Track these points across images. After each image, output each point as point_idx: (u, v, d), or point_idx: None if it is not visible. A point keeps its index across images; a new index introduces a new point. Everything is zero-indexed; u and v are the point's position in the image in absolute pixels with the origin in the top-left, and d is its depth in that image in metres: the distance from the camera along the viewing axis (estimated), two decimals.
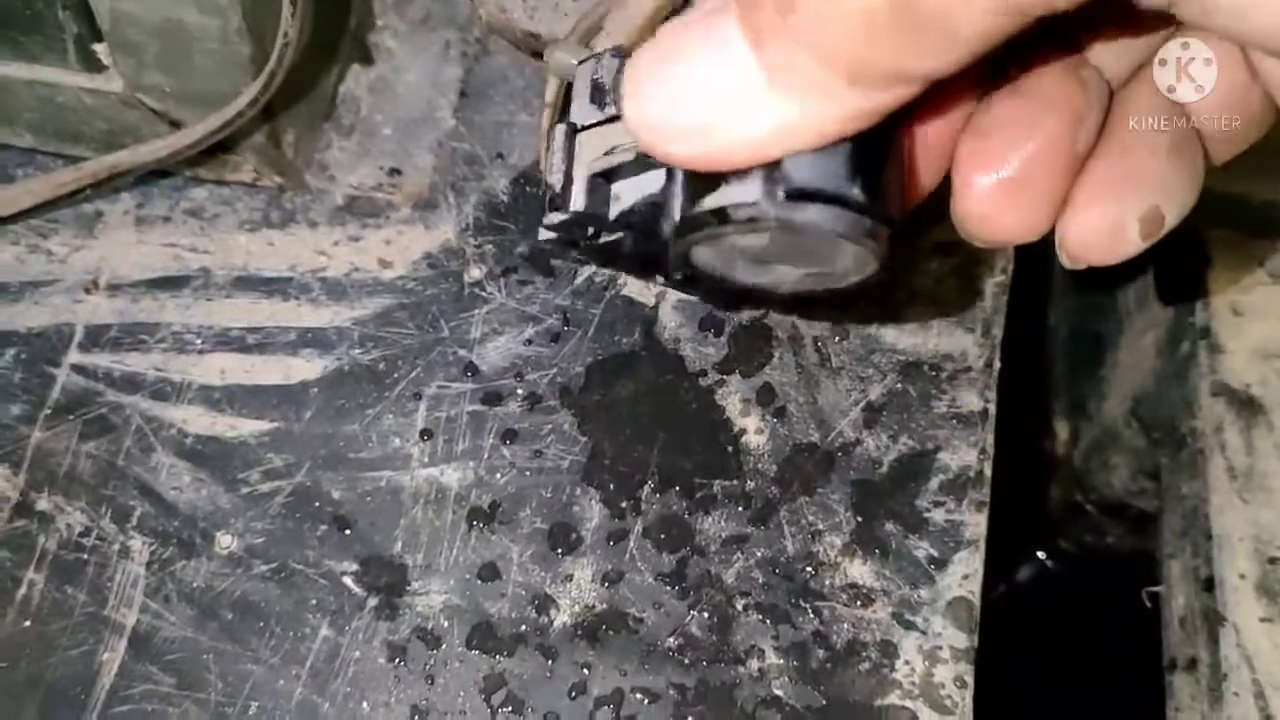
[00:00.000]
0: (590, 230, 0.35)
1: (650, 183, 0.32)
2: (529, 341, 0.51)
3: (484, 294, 0.52)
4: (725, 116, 0.25)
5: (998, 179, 0.29)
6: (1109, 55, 0.31)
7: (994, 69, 0.29)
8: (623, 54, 0.36)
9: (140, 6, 0.43)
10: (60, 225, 0.53)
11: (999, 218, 0.29)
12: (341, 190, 0.54)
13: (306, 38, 0.45)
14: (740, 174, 0.26)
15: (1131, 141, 0.30)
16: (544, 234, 0.36)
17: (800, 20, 0.23)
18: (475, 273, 0.52)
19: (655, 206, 0.31)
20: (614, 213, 0.33)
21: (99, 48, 0.47)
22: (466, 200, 0.54)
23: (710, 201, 0.27)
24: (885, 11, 0.22)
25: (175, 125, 0.49)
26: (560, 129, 0.35)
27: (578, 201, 0.34)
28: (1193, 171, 0.30)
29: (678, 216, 0.29)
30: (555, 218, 0.35)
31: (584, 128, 0.35)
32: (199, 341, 0.51)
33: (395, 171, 0.54)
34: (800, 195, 0.26)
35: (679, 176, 0.29)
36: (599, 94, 0.36)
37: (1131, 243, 0.29)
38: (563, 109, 0.51)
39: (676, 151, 0.26)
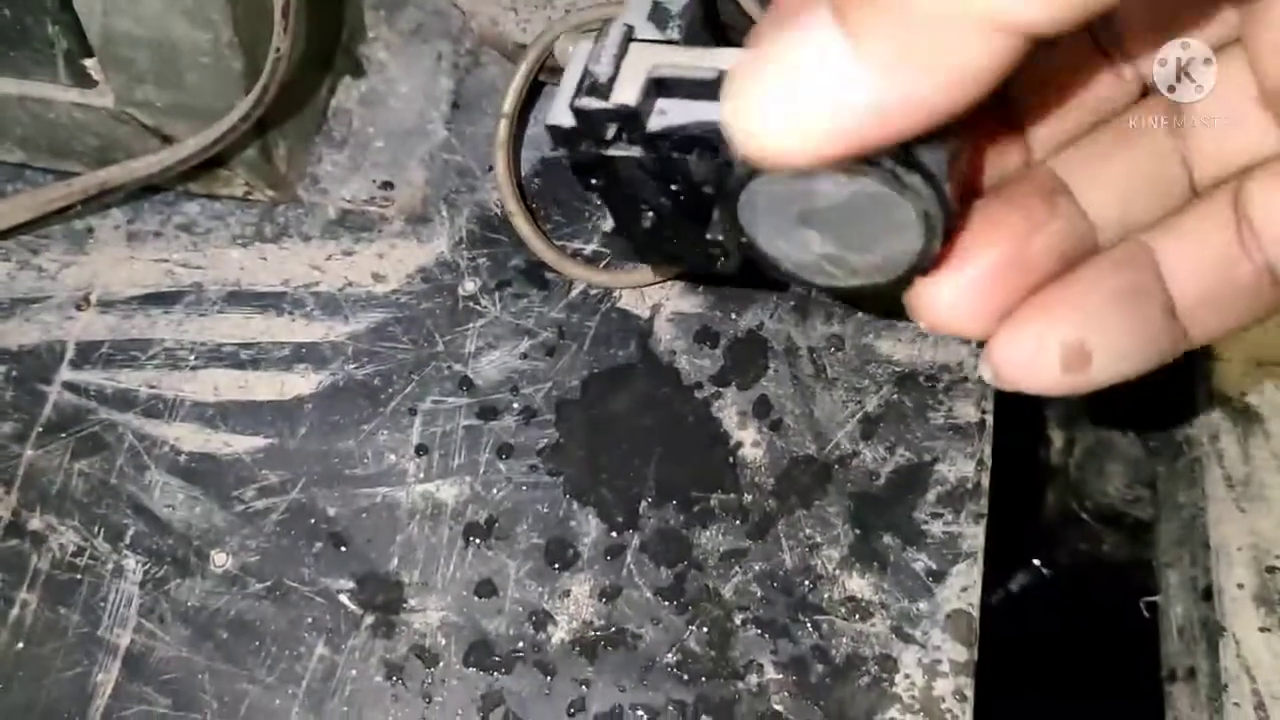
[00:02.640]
0: (611, 132, 0.33)
1: (713, 110, 0.30)
2: (524, 355, 0.51)
3: (478, 308, 0.52)
4: (822, 106, 0.24)
5: (954, 283, 0.29)
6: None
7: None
8: None
9: (131, 22, 0.43)
10: (51, 241, 0.53)
11: (946, 309, 0.29)
12: (334, 204, 0.54)
13: (298, 51, 0.45)
14: None
15: (1080, 275, 0.29)
16: (560, 117, 0.33)
17: None
18: (469, 286, 0.52)
19: (712, 133, 0.30)
20: (654, 126, 0.31)
21: (90, 63, 0.46)
22: (459, 213, 0.53)
23: None
24: None
25: (167, 140, 0.49)
26: (617, 25, 0.33)
27: (627, 95, 0.31)
28: (1140, 320, 0.29)
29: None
30: (591, 103, 0.32)
31: (639, 39, 0.33)
32: (192, 358, 0.50)
33: (388, 185, 0.54)
34: (911, 163, 0.26)
35: None
36: (661, 15, 0.35)
37: (1049, 371, 0.29)
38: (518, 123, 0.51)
39: (783, 147, 0.25)
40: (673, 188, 0.33)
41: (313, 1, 0.46)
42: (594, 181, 0.35)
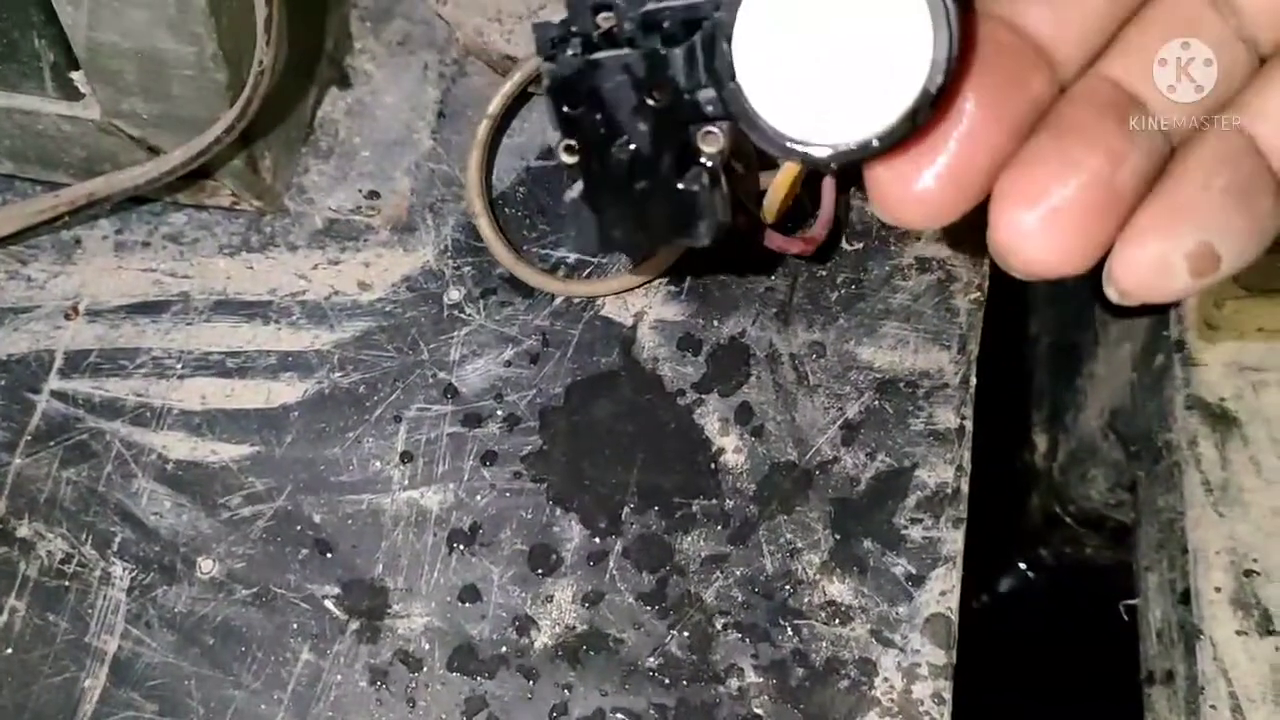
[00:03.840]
0: (596, 24, 0.33)
1: None
2: (508, 363, 0.51)
3: (463, 316, 0.52)
4: None
5: (1037, 216, 0.29)
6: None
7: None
8: None
9: (117, 35, 0.43)
10: (39, 251, 0.53)
11: (1038, 253, 0.29)
12: (320, 213, 0.54)
13: (282, 63, 0.45)
14: None
15: (1185, 179, 0.29)
16: (551, 13, 0.34)
17: None
18: (454, 295, 0.52)
19: (698, 11, 0.30)
20: (651, 4, 0.31)
21: (76, 75, 0.47)
22: (445, 222, 0.54)
23: None
24: None
25: (153, 151, 0.49)
26: None
27: None
28: (1255, 212, 0.29)
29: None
30: None
31: None
32: (179, 366, 0.51)
33: (374, 194, 0.55)
34: None
35: None
36: None
37: (1179, 279, 0.29)
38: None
39: None
40: (653, 101, 0.32)
41: (297, 14, 0.47)
42: (569, 110, 0.34)
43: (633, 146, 0.35)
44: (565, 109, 0.34)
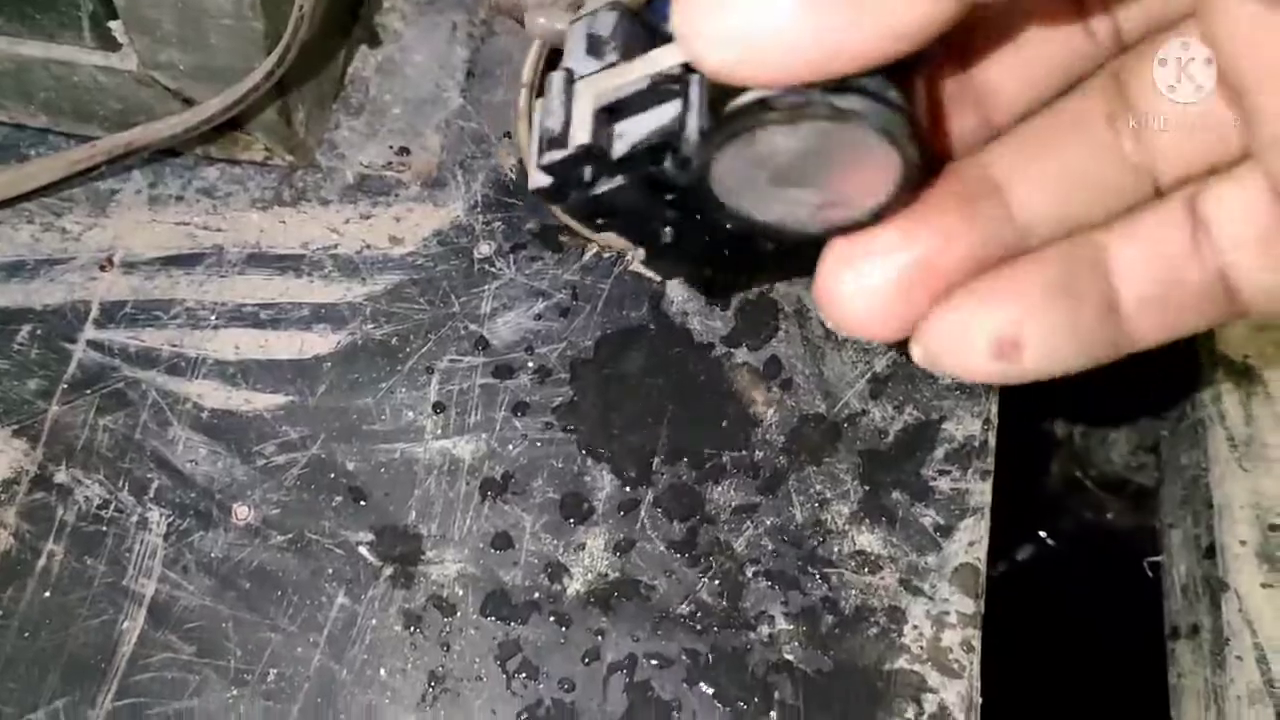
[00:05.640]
0: (588, 174, 0.34)
1: (662, 114, 0.31)
2: (538, 316, 0.52)
3: (494, 270, 0.52)
4: (770, 36, 0.25)
5: (856, 286, 0.29)
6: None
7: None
8: (620, 7, 0.36)
9: None
10: (74, 204, 0.53)
11: (854, 318, 0.29)
12: (352, 169, 0.54)
13: (321, 11, 0.46)
14: None
15: (1017, 268, 0.29)
16: (538, 180, 0.34)
17: None
18: (485, 249, 0.53)
19: (668, 135, 0.31)
20: (618, 151, 0.33)
21: (114, 25, 0.47)
22: (475, 178, 0.54)
23: (751, 95, 0.27)
24: None
25: (189, 103, 0.50)
26: (558, 75, 0.34)
27: (581, 135, 0.32)
28: (1076, 322, 0.28)
29: (704, 125, 0.29)
30: (555, 155, 0.33)
31: (581, 77, 0.34)
32: (213, 317, 0.51)
33: (404, 150, 0.55)
34: (845, 88, 0.26)
35: (702, 92, 0.29)
36: (596, 45, 0.35)
37: (977, 358, 0.28)
38: (541, 80, 0.52)
39: (722, 60, 0.25)
40: (669, 197, 0.33)
41: None
42: (600, 221, 0.36)
43: (668, 230, 0.36)
44: (598, 222, 0.36)
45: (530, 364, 0.51)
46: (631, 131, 0.32)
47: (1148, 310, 0.29)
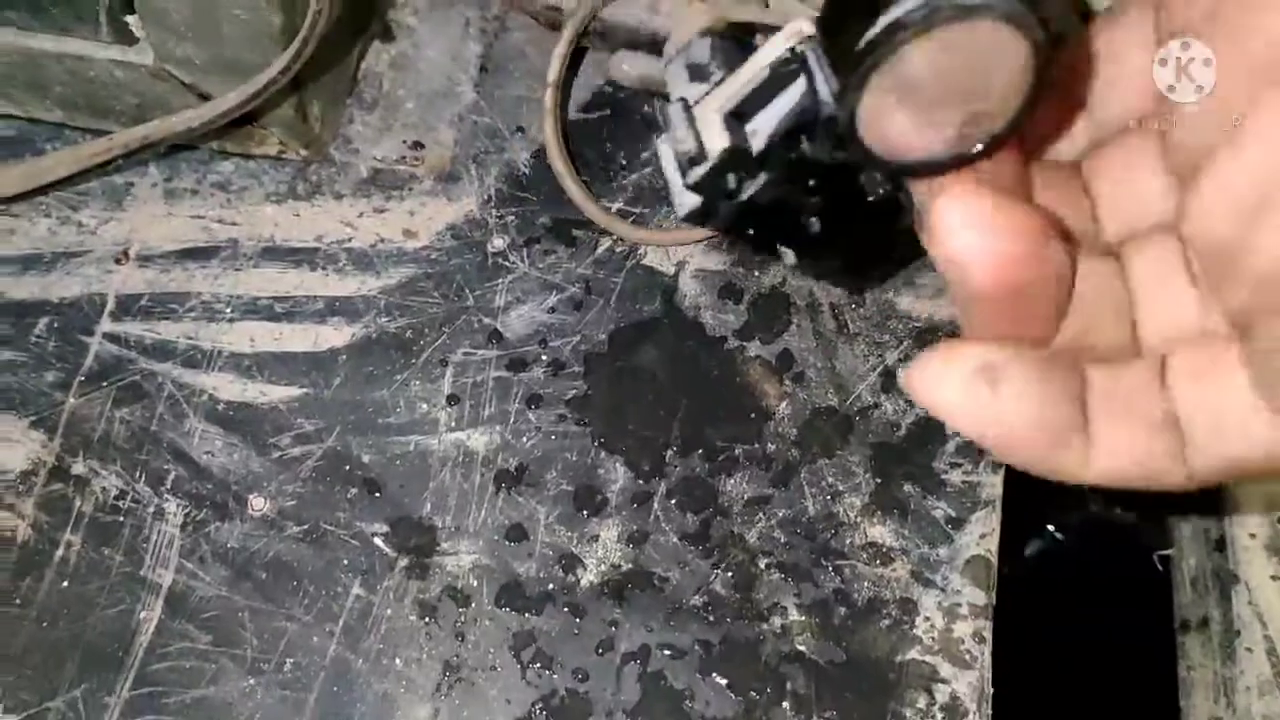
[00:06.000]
0: (732, 181, 0.34)
1: (790, 96, 0.31)
2: (552, 310, 0.52)
3: (507, 263, 0.53)
4: None
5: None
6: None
7: None
8: (710, 32, 0.37)
9: None
10: (90, 198, 0.54)
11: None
12: (365, 163, 0.55)
13: (338, 6, 0.46)
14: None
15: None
16: (685, 202, 0.35)
17: None
18: (498, 243, 0.53)
19: (804, 111, 0.31)
20: (758, 146, 0.33)
21: (131, 19, 0.48)
22: (488, 172, 0.55)
23: (880, 22, 0.27)
24: None
25: (204, 98, 0.50)
26: (674, 106, 0.35)
27: (720, 141, 0.33)
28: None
29: (833, 86, 0.29)
30: (698, 171, 0.34)
31: (696, 101, 0.35)
32: (228, 310, 0.52)
33: (418, 145, 0.55)
34: None
35: (821, 56, 0.29)
36: (699, 71, 0.37)
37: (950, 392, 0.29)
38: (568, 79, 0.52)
39: None
40: (811, 183, 0.34)
41: None
42: (753, 232, 0.37)
43: (814, 220, 0.36)
44: (750, 233, 0.37)
45: (544, 357, 0.51)
46: (765, 123, 0.33)
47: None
